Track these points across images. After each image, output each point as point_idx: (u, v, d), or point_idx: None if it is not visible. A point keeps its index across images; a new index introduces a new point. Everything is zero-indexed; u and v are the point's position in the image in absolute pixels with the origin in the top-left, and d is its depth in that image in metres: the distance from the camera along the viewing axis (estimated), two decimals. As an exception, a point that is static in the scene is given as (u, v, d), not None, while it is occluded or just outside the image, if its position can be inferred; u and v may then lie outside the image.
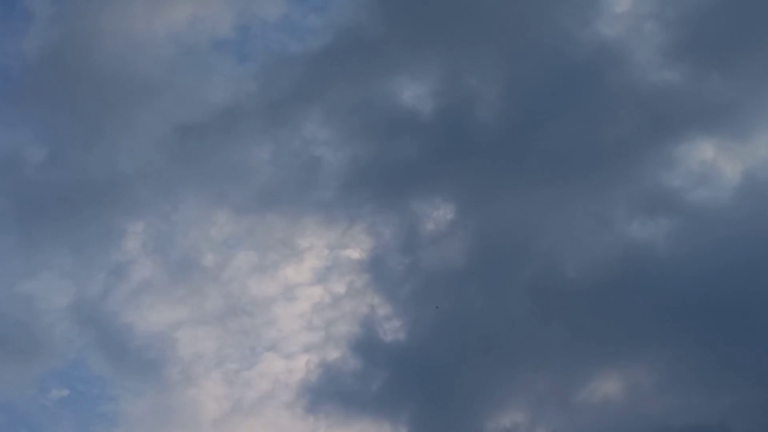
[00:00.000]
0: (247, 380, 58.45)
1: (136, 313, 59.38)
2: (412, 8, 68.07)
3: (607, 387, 55.09)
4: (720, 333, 51.59)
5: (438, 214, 60.57)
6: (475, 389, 55.03)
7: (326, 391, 55.59)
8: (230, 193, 63.51)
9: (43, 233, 60.43)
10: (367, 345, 57.09)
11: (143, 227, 63.06)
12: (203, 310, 60.72)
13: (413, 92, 65.35)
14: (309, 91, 66.07)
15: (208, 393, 58.45)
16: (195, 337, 59.82)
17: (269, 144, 64.63)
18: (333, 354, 56.98)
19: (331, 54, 66.36)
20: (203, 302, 60.68)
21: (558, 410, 52.52)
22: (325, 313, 60.73)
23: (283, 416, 56.30)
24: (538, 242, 59.36)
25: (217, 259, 62.37)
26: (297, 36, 69.67)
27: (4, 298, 58.22)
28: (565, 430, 53.53)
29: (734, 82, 60.10)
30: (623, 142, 61.47)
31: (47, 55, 65.17)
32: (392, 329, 57.51)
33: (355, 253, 61.92)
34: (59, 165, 62.87)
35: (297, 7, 70.31)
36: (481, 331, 57.26)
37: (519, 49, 65.70)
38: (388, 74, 67.79)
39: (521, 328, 56.14)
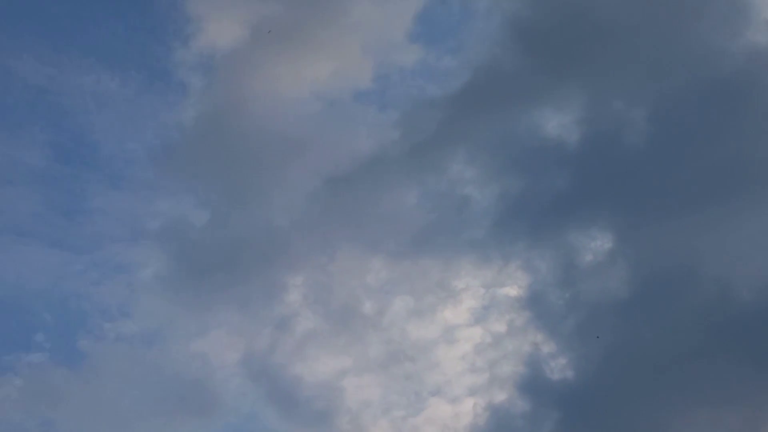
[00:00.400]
0: (415, 427, 58.76)
1: (302, 364, 61.25)
2: (547, 37, 67.16)
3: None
4: None
5: (595, 244, 59.59)
6: (654, 428, 52.34)
7: (494, 438, 54.48)
8: (383, 239, 65.15)
9: (211, 292, 63.53)
10: (533, 385, 55.93)
11: (302, 279, 65.03)
12: (366, 357, 61.84)
13: (558, 122, 64.96)
14: (451, 131, 66.38)
15: (379, 440, 58.81)
16: (360, 385, 60.94)
17: (417, 188, 66.34)
18: (499, 396, 56.76)
19: (471, 92, 66.89)
20: (366, 350, 61.84)
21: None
22: (487, 354, 60.51)
23: (455, 462, 55.87)
24: (705, 265, 56.04)
25: (375, 306, 63.41)
26: (435, 79, 72.08)
27: (180, 358, 61.31)
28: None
29: None
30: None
31: (202, 123, 69.69)
32: (559, 367, 56.27)
33: (512, 291, 62.16)
34: (221, 226, 66.47)
35: (432, 50, 72.76)
36: (653, 363, 54.70)
37: (664, 66, 63.62)
38: (530, 106, 66.58)
39: (696, 359, 53.09)
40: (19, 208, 66.99)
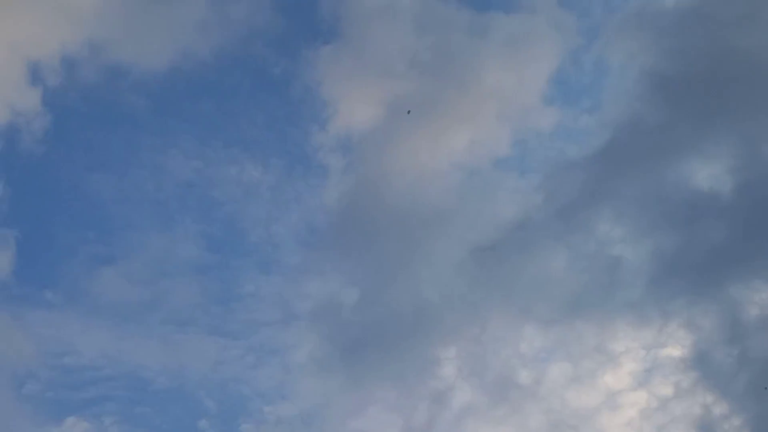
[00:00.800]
0: None
1: None
2: (688, 86, 66.43)
3: None
4: None
5: (762, 296, 57.12)
6: None
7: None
8: (534, 305, 64.72)
9: (365, 370, 64.35)
10: (707, 450, 53.36)
11: (456, 352, 65.28)
12: (526, 428, 60.55)
13: (708, 172, 64.91)
14: (596, 191, 68.05)
15: None
16: None
17: (565, 251, 66.34)
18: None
19: (613, 150, 67.93)
20: (525, 420, 61.01)
21: None
22: (654, 419, 58.37)
23: None
24: None
25: (532, 375, 62.88)
26: (574, 139, 72.77)
27: None
28: None
29: None
30: None
31: (345, 203, 72.34)
32: (733, 429, 53.72)
33: (675, 351, 61.09)
34: (371, 303, 67.58)
35: (569, 111, 73.50)
36: None
37: None
38: (677, 158, 66.19)
39: None
40: (177, 298, 69.33)
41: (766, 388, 53.47)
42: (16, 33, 66.38)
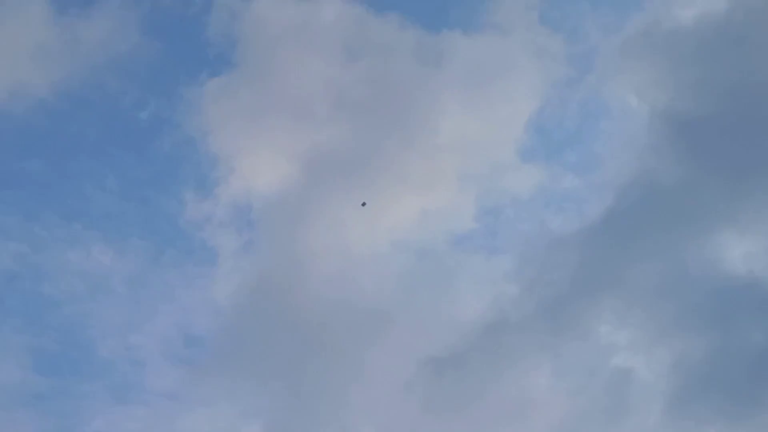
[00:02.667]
0: None
1: None
2: (718, 132, 60.06)
3: None
4: None
5: None
6: None
7: None
8: None
9: None
10: None
11: None
12: None
13: (744, 250, 58.67)
14: (592, 278, 59.89)
15: None
16: None
17: (551, 362, 59.30)
18: None
19: (614, 220, 60.68)
20: None
21: None
22: None
23: None
24: None
25: None
26: (561, 207, 67.52)
27: None
28: None
29: None
30: None
31: (243, 301, 63.80)
32: None
33: None
34: None
35: (554, 170, 68.52)
36: None
37: None
38: (702, 232, 58.92)
39: None
40: None
41: None
42: None
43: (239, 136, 66.82)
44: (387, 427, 58.50)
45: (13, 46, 63.64)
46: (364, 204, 63.44)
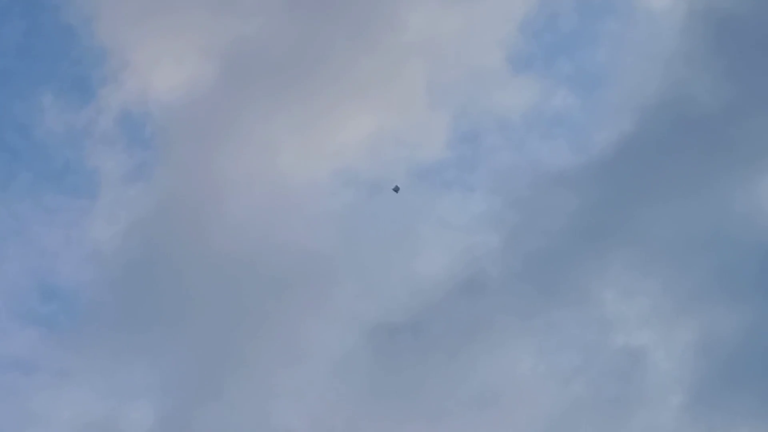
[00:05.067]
0: None
1: None
2: None
3: None
4: None
5: None
6: None
7: None
8: None
9: None
10: None
11: None
12: None
13: None
14: (597, 229, 57.22)
15: None
16: None
17: (540, 337, 55.09)
18: None
19: (630, 153, 58.27)
20: None
21: None
22: None
23: None
24: None
25: None
26: (559, 133, 62.87)
27: None
28: None
29: None
30: None
31: (132, 246, 58.91)
32: None
33: None
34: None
35: (552, 81, 63.30)
36: None
37: None
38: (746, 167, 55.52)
39: None
40: None
41: None
42: None
43: (135, 22, 62.44)
44: (321, 413, 54.99)
45: None
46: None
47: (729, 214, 60.84)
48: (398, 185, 61.22)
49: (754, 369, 55.23)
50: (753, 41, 63.19)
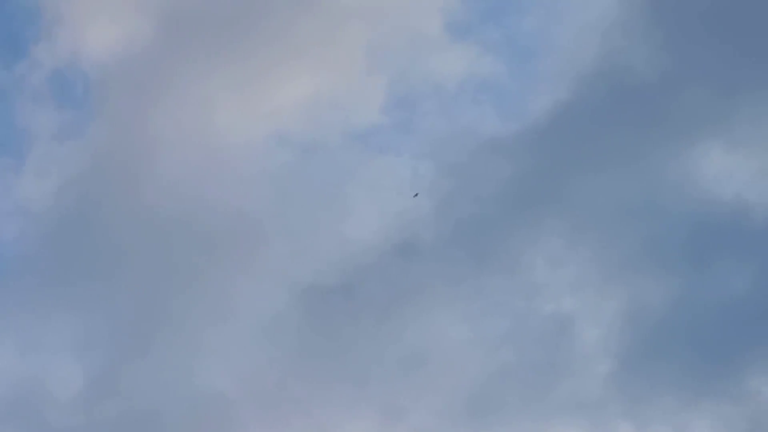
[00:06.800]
0: None
1: None
2: None
3: None
4: None
5: None
6: None
7: None
8: (416, 398, 55.12)
9: None
10: None
11: None
12: None
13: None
14: (531, 194, 58.53)
15: None
16: None
17: (472, 301, 56.63)
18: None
19: (570, 119, 59.63)
20: None
21: None
22: None
23: None
24: None
25: None
26: (499, 100, 65.07)
27: None
28: None
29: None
30: None
31: (59, 202, 60.49)
32: None
33: None
34: (104, 397, 55.18)
35: (492, 47, 65.01)
36: None
37: None
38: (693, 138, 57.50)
39: None
40: None
41: None
42: None
43: None
44: (248, 373, 55.46)
45: None
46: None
47: (661, 184, 61.61)
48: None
49: (680, 338, 56.69)
50: (691, 10, 61.87)
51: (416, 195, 57.62)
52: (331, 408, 58.52)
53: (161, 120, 63.32)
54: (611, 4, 64.78)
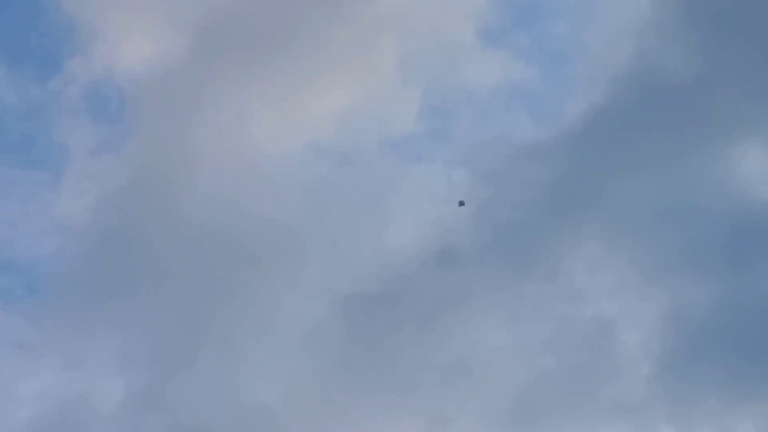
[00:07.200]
0: None
1: None
2: None
3: None
4: None
5: None
6: None
7: None
8: (458, 407, 55.84)
9: None
10: None
11: None
12: None
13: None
14: (570, 200, 61.02)
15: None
16: None
17: (511, 308, 57.58)
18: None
19: (604, 125, 61.05)
20: None
21: None
22: None
23: None
24: None
25: None
26: (533, 106, 66.43)
27: None
28: None
29: None
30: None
31: (99, 218, 61.10)
32: None
33: None
34: (148, 408, 55.63)
35: (524, 55, 66.53)
36: None
37: None
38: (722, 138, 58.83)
39: None
40: None
41: None
42: None
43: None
44: (292, 384, 56.07)
45: None
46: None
47: (699, 186, 63.63)
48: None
49: (723, 340, 57.45)
50: (724, 11, 62.35)
51: (462, 203, 58.26)
52: (376, 417, 59.56)
53: (198, 133, 65.26)
54: (644, 6, 65.48)
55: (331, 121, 67.30)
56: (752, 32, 63.47)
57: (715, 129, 61.60)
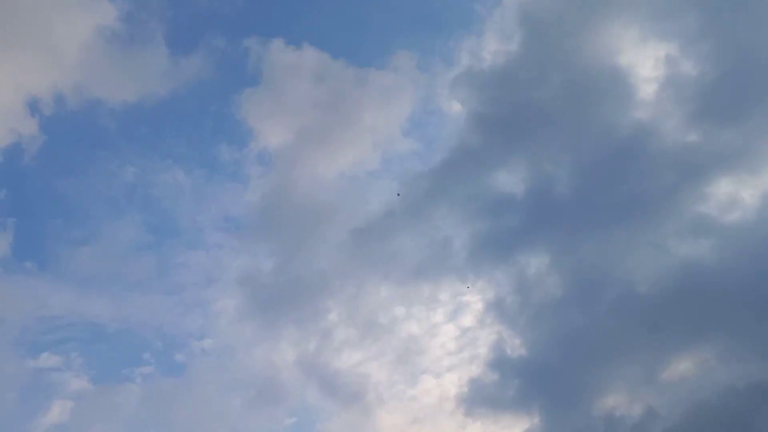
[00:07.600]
0: (413, 396, 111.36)
1: (339, 361, 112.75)
2: (499, 124, 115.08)
3: (682, 366, 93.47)
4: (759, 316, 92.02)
5: (537, 262, 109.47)
6: (583, 383, 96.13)
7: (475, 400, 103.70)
8: (391, 271, 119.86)
9: (275, 316, 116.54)
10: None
11: (338, 303, 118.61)
12: (383, 352, 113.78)
13: (508, 181, 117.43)
14: (436, 193, 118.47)
15: (391, 408, 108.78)
16: (378, 370, 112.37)
17: (413, 233, 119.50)
18: (475, 371, 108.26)
19: (449, 166, 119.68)
20: (383, 347, 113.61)
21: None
22: (461, 342, 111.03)
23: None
24: (615, 271, 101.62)
25: (387, 317, 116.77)
26: (422, 159, 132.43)
27: (253, 364, 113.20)
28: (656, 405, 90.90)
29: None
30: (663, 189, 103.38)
31: (262, 201, 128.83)
32: (515, 346, 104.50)
33: (484, 297, 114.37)
34: (280, 271, 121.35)
35: (420, 141, 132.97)
36: (582, 341, 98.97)
37: (577, 137, 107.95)
38: (490, 172, 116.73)
39: (614, 334, 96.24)
40: (125, 267, 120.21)
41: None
42: (17, 75, 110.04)
43: (262, 119, 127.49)
44: (333, 264, 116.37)
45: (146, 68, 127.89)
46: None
47: None
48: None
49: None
50: None
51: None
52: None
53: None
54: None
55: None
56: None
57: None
